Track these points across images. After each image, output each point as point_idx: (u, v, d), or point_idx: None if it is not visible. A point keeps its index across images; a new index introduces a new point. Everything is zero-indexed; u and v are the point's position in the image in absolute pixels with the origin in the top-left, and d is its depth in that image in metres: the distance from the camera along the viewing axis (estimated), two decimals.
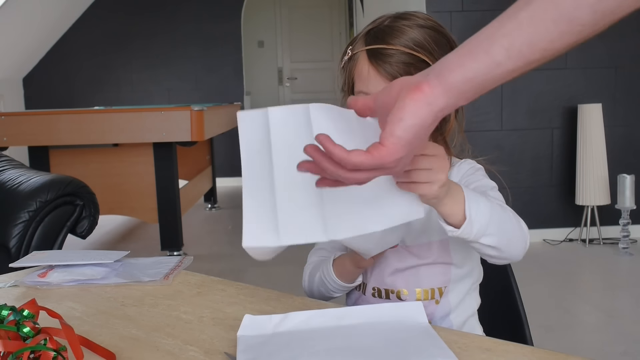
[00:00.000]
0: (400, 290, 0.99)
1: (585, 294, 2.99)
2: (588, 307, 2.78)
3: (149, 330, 0.85)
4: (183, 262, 1.17)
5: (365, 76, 0.93)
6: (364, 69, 0.93)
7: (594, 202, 3.64)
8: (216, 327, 0.86)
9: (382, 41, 0.92)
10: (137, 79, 6.40)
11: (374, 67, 0.92)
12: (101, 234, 4.26)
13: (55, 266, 1.12)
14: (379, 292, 1.01)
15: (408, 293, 0.99)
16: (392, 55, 0.91)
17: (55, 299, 1.00)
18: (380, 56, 0.91)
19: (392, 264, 1.00)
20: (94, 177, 3.32)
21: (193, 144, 3.57)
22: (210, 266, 3.44)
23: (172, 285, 1.05)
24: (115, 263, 1.15)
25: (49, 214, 2.26)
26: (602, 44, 3.73)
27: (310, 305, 0.93)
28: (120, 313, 0.93)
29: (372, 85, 0.91)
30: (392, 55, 0.91)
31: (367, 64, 0.93)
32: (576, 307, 2.76)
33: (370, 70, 0.92)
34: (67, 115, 3.50)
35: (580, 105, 3.66)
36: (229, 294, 0.99)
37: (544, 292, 2.89)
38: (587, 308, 2.76)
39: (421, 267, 0.99)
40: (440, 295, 0.99)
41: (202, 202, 5.20)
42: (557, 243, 3.75)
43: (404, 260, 0.99)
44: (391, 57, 0.91)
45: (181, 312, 0.92)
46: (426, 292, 0.99)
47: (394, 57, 0.91)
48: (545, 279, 3.09)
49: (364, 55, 0.93)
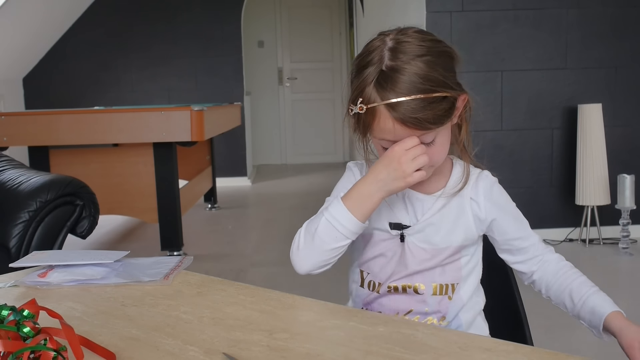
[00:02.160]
0: (418, 285, 1.02)
1: None
2: None
3: (149, 330, 0.85)
4: (183, 262, 1.17)
5: (390, 129, 0.91)
6: (387, 124, 0.91)
7: (594, 202, 3.64)
8: (216, 327, 0.86)
9: (394, 91, 0.90)
10: (137, 79, 6.40)
11: (399, 122, 0.90)
12: (101, 234, 4.26)
13: (55, 266, 1.12)
14: (395, 288, 1.03)
15: (425, 288, 1.02)
16: (410, 104, 0.89)
17: (55, 299, 1.00)
18: (401, 110, 0.90)
19: (412, 267, 1.02)
20: (94, 177, 3.32)
21: (193, 144, 3.57)
22: (210, 266, 3.44)
23: (172, 285, 1.05)
24: (115, 263, 1.15)
25: (49, 214, 2.26)
26: (602, 44, 3.73)
27: (311, 306, 0.93)
28: (120, 313, 0.93)
29: (400, 136, 0.91)
30: (410, 104, 0.89)
31: (390, 119, 0.91)
32: None
33: (396, 125, 0.91)
34: (67, 115, 3.50)
35: (580, 105, 3.66)
36: (229, 294, 0.99)
37: None
38: None
39: (437, 267, 1.03)
40: (453, 292, 1.03)
41: (202, 202, 5.19)
42: (557, 243, 3.75)
43: (423, 263, 1.02)
44: (411, 106, 0.89)
45: (181, 312, 0.92)
46: (441, 287, 1.02)
47: (413, 105, 0.89)
48: None
49: (383, 109, 0.91)
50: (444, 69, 0.92)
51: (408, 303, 1.03)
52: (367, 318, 0.87)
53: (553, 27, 3.71)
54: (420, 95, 0.89)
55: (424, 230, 1.01)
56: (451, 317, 1.03)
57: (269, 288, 1.00)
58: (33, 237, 2.21)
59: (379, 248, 1.04)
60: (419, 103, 0.89)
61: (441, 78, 0.91)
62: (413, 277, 1.02)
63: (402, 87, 0.89)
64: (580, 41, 3.72)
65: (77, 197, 2.36)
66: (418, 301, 1.03)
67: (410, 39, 0.92)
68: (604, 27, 3.72)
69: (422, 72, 0.90)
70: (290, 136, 8.16)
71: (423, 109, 0.89)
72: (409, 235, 1.01)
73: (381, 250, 1.04)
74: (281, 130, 8.16)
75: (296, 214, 4.98)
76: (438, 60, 0.92)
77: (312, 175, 7.13)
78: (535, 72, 3.74)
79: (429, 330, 0.82)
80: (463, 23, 3.66)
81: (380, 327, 0.83)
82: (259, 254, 3.74)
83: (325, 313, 0.89)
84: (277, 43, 7.99)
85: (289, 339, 0.80)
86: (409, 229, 1.01)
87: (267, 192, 6.15)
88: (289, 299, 0.95)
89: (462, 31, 3.67)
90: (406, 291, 1.03)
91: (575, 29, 3.72)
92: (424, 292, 1.02)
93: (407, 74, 0.89)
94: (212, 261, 3.59)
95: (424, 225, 1.01)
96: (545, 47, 3.72)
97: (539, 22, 3.70)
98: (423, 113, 0.89)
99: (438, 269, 1.02)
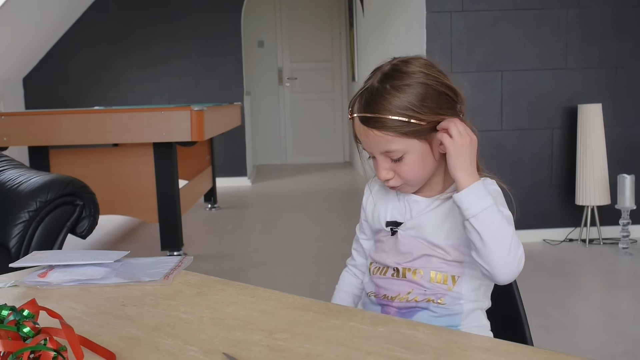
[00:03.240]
0: (417, 269, 1.09)
1: (586, 294, 2.99)
2: (588, 307, 2.78)
3: (149, 330, 0.85)
4: (183, 262, 1.17)
5: (363, 137, 1.08)
6: (360, 131, 1.08)
7: (594, 202, 3.64)
8: (216, 327, 0.86)
9: (372, 109, 1.05)
10: (137, 79, 6.40)
11: (364, 130, 1.06)
12: (101, 234, 4.26)
13: (55, 266, 1.12)
14: (397, 271, 1.11)
15: (423, 274, 1.09)
16: (382, 121, 1.04)
17: (55, 299, 1.00)
18: (372, 122, 1.05)
19: (408, 254, 1.11)
20: (94, 177, 3.32)
21: (193, 144, 3.57)
22: (210, 266, 3.44)
23: (172, 285, 1.05)
24: (115, 263, 1.15)
25: (49, 214, 2.26)
26: (602, 44, 3.73)
27: (311, 306, 0.93)
28: (120, 313, 0.93)
29: (367, 145, 1.08)
30: (382, 121, 1.04)
31: (361, 127, 1.07)
32: (576, 307, 2.76)
33: (367, 132, 1.06)
34: (67, 115, 3.50)
35: (580, 105, 3.66)
36: (229, 294, 0.99)
37: (544, 292, 2.89)
38: (587, 308, 2.76)
39: (434, 257, 1.09)
40: (454, 284, 1.08)
41: (202, 202, 5.20)
42: (557, 243, 3.75)
43: (418, 251, 1.10)
44: (382, 122, 1.04)
45: (181, 312, 0.92)
46: (439, 276, 1.08)
47: (385, 123, 1.04)
48: (545, 279, 3.09)
49: (357, 120, 1.07)
50: (425, 101, 1.04)
51: (409, 286, 1.10)
52: (367, 318, 0.87)
53: (553, 27, 3.71)
54: (389, 116, 1.03)
55: (416, 228, 1.10)
56: (449, 303, 1.08)
57: (268, 288, 1.00)
58: (33, 237, 2.21)
59: (379, 239, 1.17)
60: (390, 122, 1.04)
61: (419, 109, 1.03)
62: (413, 263, 1.10)
63: (378, 107, 1.04)
64: (580, 41, 3.73)
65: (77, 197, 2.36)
66: (417, 285, 1.09)
67: (405, 68, 1.06)
68: (605, 27, 3.72)
69: (402, 104, 1.03)
70: (290, 136, 8.16)
71: (391, 128, 1.04)
72: (401, 230, 1.12)
73: (381, 240, 1.16)
74: (281, 130, 8.16)
75: (296, 214, 4.99)
76: (426, 92, 1.04)
77: (312, 175, 7.13)
78: (535, 72, 3.74)
79: (429, 330, 0.82)
80: (463, 23, 3.66)
81: (380, 327, 0.84)
82: (258, 254, 3.74)
83: (325, 313, 0.89)
84: (277, 43, 7.99)
85: (289, 339, 0.80)
86: (402, 225, 1.12)
87: (267, 192, 6.15)
88: (289, 299, 0.96)
89: (462, 31, 3.67)
90: (406, 276, 1.10)
91: (575, 28, 3.72)
92: (422, 277, 1.09)
93: (386, 100, 1.04)
94: (212, 261, 3.59)
95: (416, 223, 1.11)
96: (545, 47, 3.72)
97: (539, 22, 3.70)
98: (389, 129, 1.04)
99: (435, 260, 1.09)
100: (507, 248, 0.98)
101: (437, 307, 1.07)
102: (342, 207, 5.31)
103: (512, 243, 0.98)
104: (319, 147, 8.16)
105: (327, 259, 3.56)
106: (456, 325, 1.07)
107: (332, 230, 4.34)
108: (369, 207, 1.19)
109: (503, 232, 0.99)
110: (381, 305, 1.11)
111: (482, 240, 0.98)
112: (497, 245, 0.98)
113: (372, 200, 1.18)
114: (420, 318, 1.06)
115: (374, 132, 1.04)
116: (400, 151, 1.05)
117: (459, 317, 1.08)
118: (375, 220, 1.17)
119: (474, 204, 0.99)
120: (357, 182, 6.53)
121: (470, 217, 0.99)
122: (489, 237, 0.98)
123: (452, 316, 1.07)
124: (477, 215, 0.98)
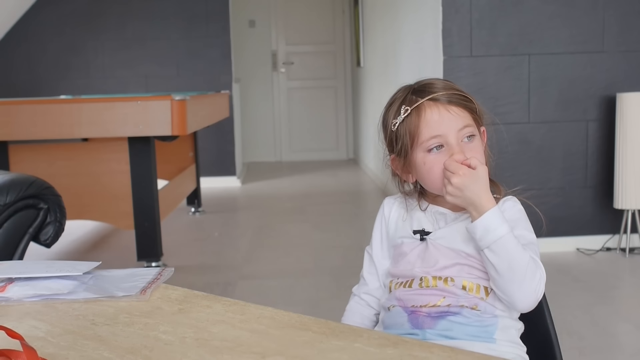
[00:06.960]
0: (448, 277, 1.18)
1: (625, 311, 2.99)
2: (628, 326, 2.78)
3: (124, 352, 0.86)
4: (162, 275, 1.17)
5: (437, 119, 1.19)
6: (433, 115, 1.19)
7: (635, 206, 3.65)
8: (200, 349, 0.86)
9: (432, 92, 1.21)
10: (110, 64, 6.40)
11: (443, 104, 1.20)
12: (68, 242, 4.27)
13: (15, 279, 1.12)
14: (426, 281, 1.19)
15: (455, 282, 1.17)
16: (468, 99, 1.22)
17: (16, 317, 1.00)
18: (456, 99, 1.20)
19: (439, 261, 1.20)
20: (60, 176, 3.32)
21: (174, 139, 3.58)
22: (194, 279, 3.45)
23: (150, 301, 1.05)
24: (85, 275, 1.15)
25: (8, 219, 2.26)
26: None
27: (309, 325, 0.93)
28: (91, 333, 0.93)
29: (446, 123, 1.18)
30: (468, 99, 1.22)
31: (435, 108, 1.20)
32: (614, 326, 2.77)
33: (441, 110, 1.20)
34: (29, 105, 3.50)
35: (619, 94, 3.67)
36: (215, 311, 0.99)
37: (578, 309, 2.89)
38: (627, 327, 2.77)
39: (466, 266, 1.19)
40: (487, 295, 1.17)
41: (185, 206, 5.20)
42: (593, 252, 3.75)
43: (449, 259, 1.20)
44: (467, 100, 1.22)
45: (160, 331, 0.92)
46: (471, 286, 1.17)
47: (469, 101, 1.22)
48: (579, 294, 3.10)
49: (427, 103, 1.20)
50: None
51: (440, 294, 1.18)
52: (375, 339, 0.87)
53: (589, 4, 3.72)
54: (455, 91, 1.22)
55: (447, 237, 1.21)
56: (483, 314, 1.15)
57: (261, 304, 1.00)
58: None
59: (403, 251, 1.26)
60: (458, 97, 1.21)
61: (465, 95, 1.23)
62: (444, 271, 1.19)
63: (437, 88, 1.21)
64: (619, 20, 3.73)
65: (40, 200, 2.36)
66: (449, 293, 1.17)
67: (431, 82, 1.23)
68: None
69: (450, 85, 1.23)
70: (286, 130, 8.18)
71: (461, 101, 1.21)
72: (431, 238, 1.22)
73: (405, 251, 1.25)
74: (275, 123, 8.18)
75: (292, 219, 4.99)
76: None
77: (311, 174, 7.14)
78: (567, 55, 3.74)
79: (445, 352, 0.82)
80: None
81: (389, 349, 0.84)
82: (249, 265, 3.74)
83: (326, 333, 0.90)
84: (271, 22, 8.00)
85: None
86: (431, 234, 1.23)
87: (259, 193, 6.16)
88: (284, 316, 0.96)
89: (483, 8, 3.67)
90: (437, 285, 1.18)
91: (614, 6, 3.72)
92: (454, 285, 1.17)
93: (438, 83, 1.23)
94: (195, 273, 3.59)
95: (447, 232, 1.22)
96: (579, 27, 3.72)
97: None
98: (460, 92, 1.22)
99: (466, 268, 1.18)
100: (522, 275, 1.10)
101: (470, 312, 1.14)
102: (346, 211, 5.32)
103: (527, 270, 1.10)
104: (318, 142, 8.17)
105: (327, 270, 3.56)
106: (490, 337, 1.14)
107: (334, 237, 4.35)
108: (392, 220, 1.30)
109: (517, 260, 1.10)
110: (408, 313, 1.18)
111: (496, 270, 1.11)
112: (512, 274, 1.10)
113: (395, 213, 1.30)
114: (452, 322, 1.14)
115: (456, 110, 1.19)
116: (474, 130, 1.21)
117: (493, 328, 1.15)
118: (399, 231, 1.28)
119: (487, 234, 1.12)
120: (363, 183, 6.53)
121: (484, 247, 1.12)
122: (503, 267, 1.10)
123: (486, 327, 1.14)
124: (490, 246, 1.11)
